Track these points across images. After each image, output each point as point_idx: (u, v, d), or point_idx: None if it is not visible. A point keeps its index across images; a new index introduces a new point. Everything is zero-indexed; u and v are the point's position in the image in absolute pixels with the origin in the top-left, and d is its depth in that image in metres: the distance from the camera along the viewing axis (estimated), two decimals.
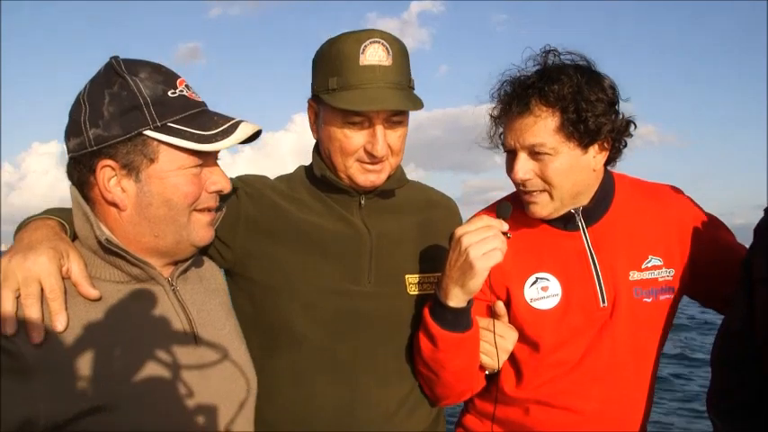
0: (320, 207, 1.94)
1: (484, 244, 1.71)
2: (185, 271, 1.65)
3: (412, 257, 1.96)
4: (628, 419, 2.02)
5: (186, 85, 1.53)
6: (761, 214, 1.73)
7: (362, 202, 1.93)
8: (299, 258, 1.85)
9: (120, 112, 1.43)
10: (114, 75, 1.47)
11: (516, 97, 1.89)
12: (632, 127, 1.98)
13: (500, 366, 1.99)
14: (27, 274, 1.37)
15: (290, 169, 2.07)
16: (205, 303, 1.67)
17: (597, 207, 2.01)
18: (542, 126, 1.86)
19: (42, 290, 1.37)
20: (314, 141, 2.00)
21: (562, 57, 1.94)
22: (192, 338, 1.57)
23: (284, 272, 1.84)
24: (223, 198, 1.70)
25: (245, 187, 1.93)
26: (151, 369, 1.46)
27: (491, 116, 1.99)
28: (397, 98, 1.79)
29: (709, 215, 2.08)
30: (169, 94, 1.48)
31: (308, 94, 1.94)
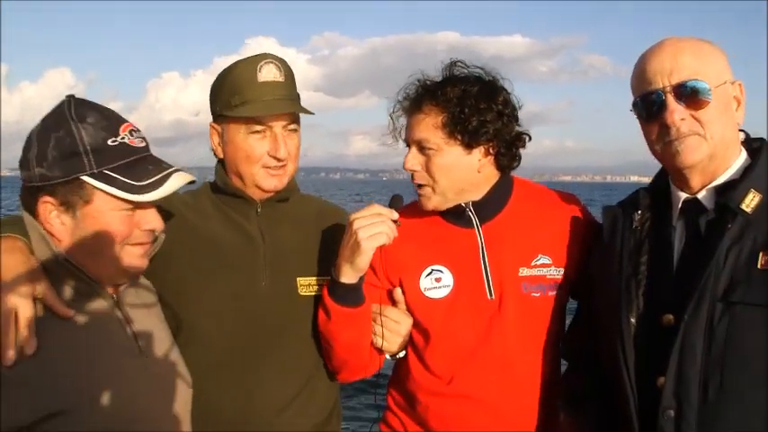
0: (220, 216, 2.17)
1: (372, 227, 1.95)
2: (126, 287, 1.81)
3: (303, 261, 2.18)
4: (527, 409, 2.15)
5: (131, 131, 1.68)
6: None
7: (259, 210, 2.17)
8: (200, 265, 2.07)
9: (62, 157, 1.59)
10: (62, 118, 1.63)
11: (413, 97, 2.15)
12: (527, 138, 2.21)
13: (395, 350, 2.21)
14: (7, 307, 1.50)
15: None
16: (145, 316, 1.82)
17: (490, 205, 2.20)
18: (428, 123, 2.10)
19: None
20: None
21: (469, 69, 2.17)
22: (137, 349, 1.73)
23: (188, 277, 2.05)
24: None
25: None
26: (104, 378, 1.61)
27: (390, 115, 2.22)
28: (293, 105, 2.11)
29: (598, 223, 2.21)
30: (109, 142, 1.63)
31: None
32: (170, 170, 1.71)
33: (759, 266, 1.67)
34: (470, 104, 2.06)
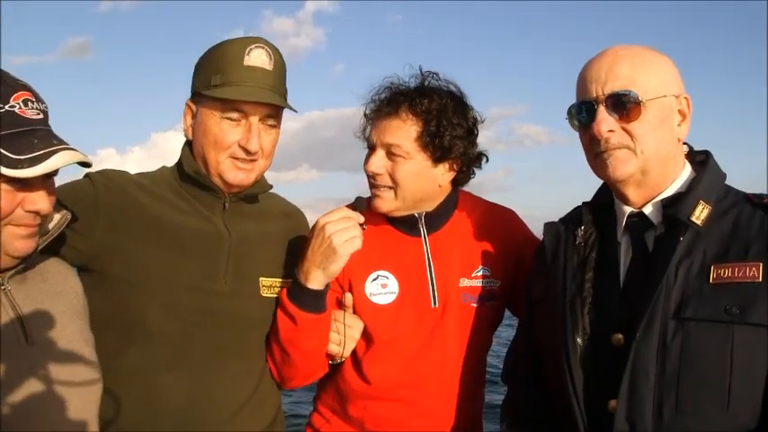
0: (183, 204, 1.98)
1: (346, 232, 1.91)
2: (23, 272, 1.64)
3: (268, 261, 2.05)
4: (458, 413, 2.19)
5: (25, 100, 1.53)
6: None
7: (227, 205, 2.01)
8: (157, 254, 1.88)
9: None
10: None
11: (389, 101, 2.13)
12: (484, 159, 2.26)
13: (346, 355, 2.16)
14: None
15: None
16: (45, 304, 1.66)
17: (439, 216, 2.24)
18: (404, 131, 2.09)
19: None
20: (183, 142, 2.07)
21: (440, 82, 2.19)
22: (24, 339, 1.57)
23: (142, 267, 1.85)
24: (80, 193, 1.84)
25: (106, 181, 1.93)
26: None
27: (365, 114, 2.20)
28: (275, 98, 1.94)
29: (536, 240, 2.24)
30: None
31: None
32: (58, 147, 1.53)
33: (711, 281, 1.60)
34: (447, 118, 2.08)
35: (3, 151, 1.46)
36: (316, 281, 1.93)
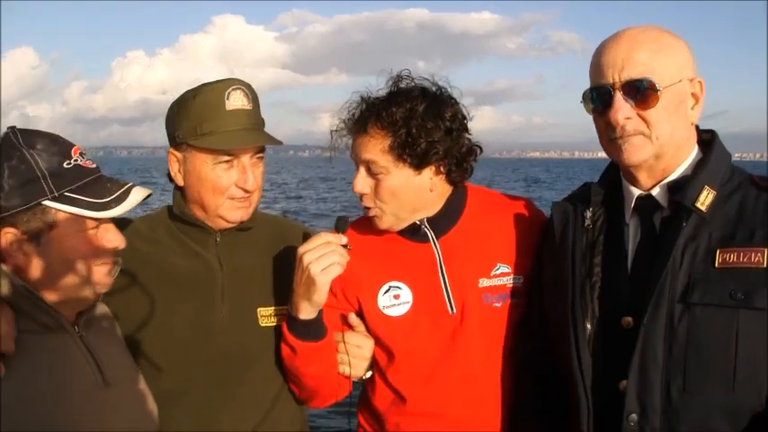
0: (177, 246, 2.08)
1: (323, 260, 1.89)
2: (87, 316, 1.76)
3: (266, 291, 2.10)
4: (491, 421, 2.11)
5: (81, 154, 1.69)
6: None
7: (218, 239, 2.08)
8: (154, 297, 1.99)
9: (20, 185, 1.59)
10: (12, 148, 1.62)
11: (358, 117, 2.07)
12: (478, 151, 2.15)
13: (362, 374, 2.16)
14: None
15: (210, 74, 2.14)
16: (108, 345, 1.79)
17: (445, 219, 2.15)
18: (374, 146, 2.03)
19: None
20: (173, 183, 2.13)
21: (416, 81, 2.09)
22: (102, 382, 1.69)
23: (141, 310, 1.97)
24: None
25: None
26: (70, 417, 1.59)
27: (332, 130, 2.14)
28: (264, 136, 2.04)
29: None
30: (65, 165, 1.64)
31: None
32: (129, 185, 1.73)
33: (716, 265, 1.64)
34: (417, 125, 1.99)
35: (87, 198, 1.63)
36: (304, 311, 1.95)
